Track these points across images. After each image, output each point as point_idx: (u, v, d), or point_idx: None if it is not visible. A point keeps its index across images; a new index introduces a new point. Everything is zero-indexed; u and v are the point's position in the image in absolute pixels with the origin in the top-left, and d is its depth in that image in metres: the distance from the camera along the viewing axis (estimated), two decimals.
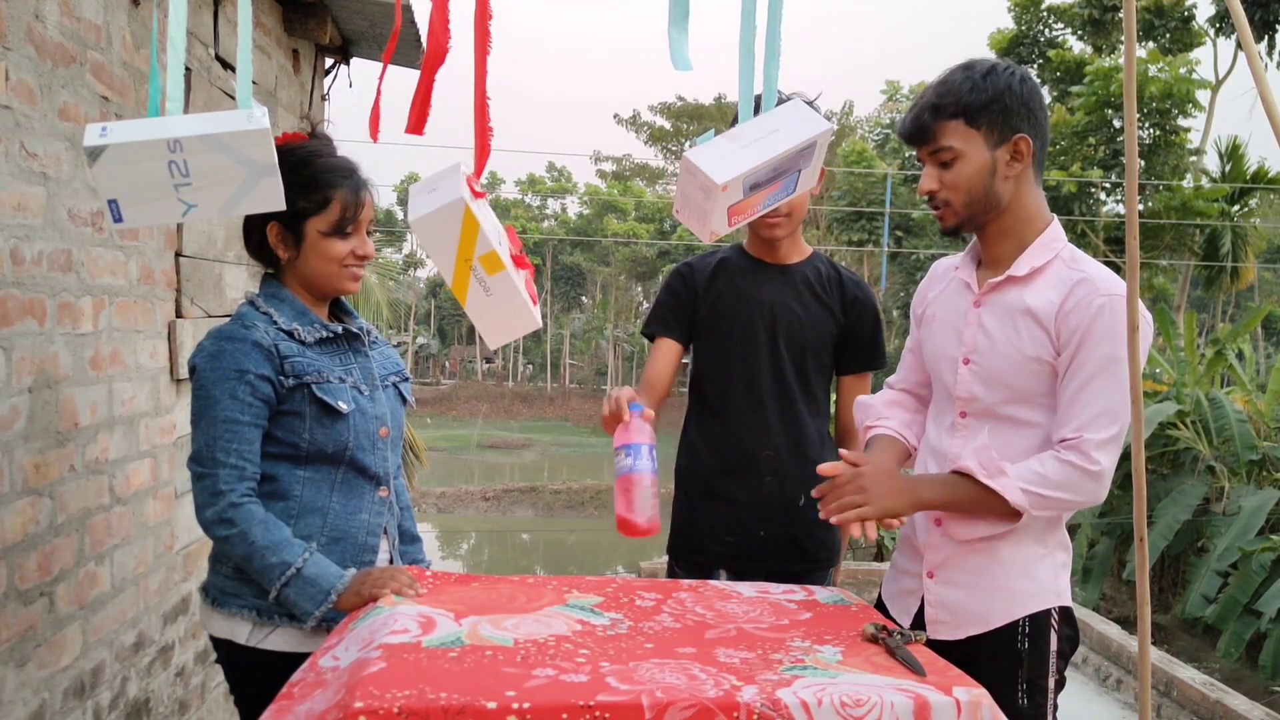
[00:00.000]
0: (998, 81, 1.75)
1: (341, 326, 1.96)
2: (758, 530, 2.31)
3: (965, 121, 1.75)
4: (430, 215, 1.71)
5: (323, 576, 1.76)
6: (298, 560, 1.75)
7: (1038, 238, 1.81)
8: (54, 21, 2.16)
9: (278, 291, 1.91)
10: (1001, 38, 22.01)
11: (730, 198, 1.73)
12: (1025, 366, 1.76)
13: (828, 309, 2.36)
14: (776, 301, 2.34)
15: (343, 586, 1.75)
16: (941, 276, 1.99)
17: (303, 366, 1.84)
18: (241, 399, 1.78)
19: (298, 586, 1.75)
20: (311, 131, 1.95)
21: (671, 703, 1.24)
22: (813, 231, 26.57)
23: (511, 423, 41.68)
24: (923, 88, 1.85)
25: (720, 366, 2.36)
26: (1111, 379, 1.69)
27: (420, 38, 3.85)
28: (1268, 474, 8.81)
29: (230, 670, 1.91)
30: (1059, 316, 1.73)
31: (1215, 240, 18.51)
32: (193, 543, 3.06)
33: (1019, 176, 1.79)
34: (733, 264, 2.41)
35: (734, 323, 2.34)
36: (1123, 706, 4.87)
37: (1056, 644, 1.83)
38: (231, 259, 3.36)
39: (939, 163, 1.79)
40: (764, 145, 1.74)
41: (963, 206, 1.79)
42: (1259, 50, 5.87)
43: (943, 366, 1.89)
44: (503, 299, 1.78)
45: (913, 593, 1.91)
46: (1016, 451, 1.77)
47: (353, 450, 1.88)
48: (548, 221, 50.10)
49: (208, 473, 1.77)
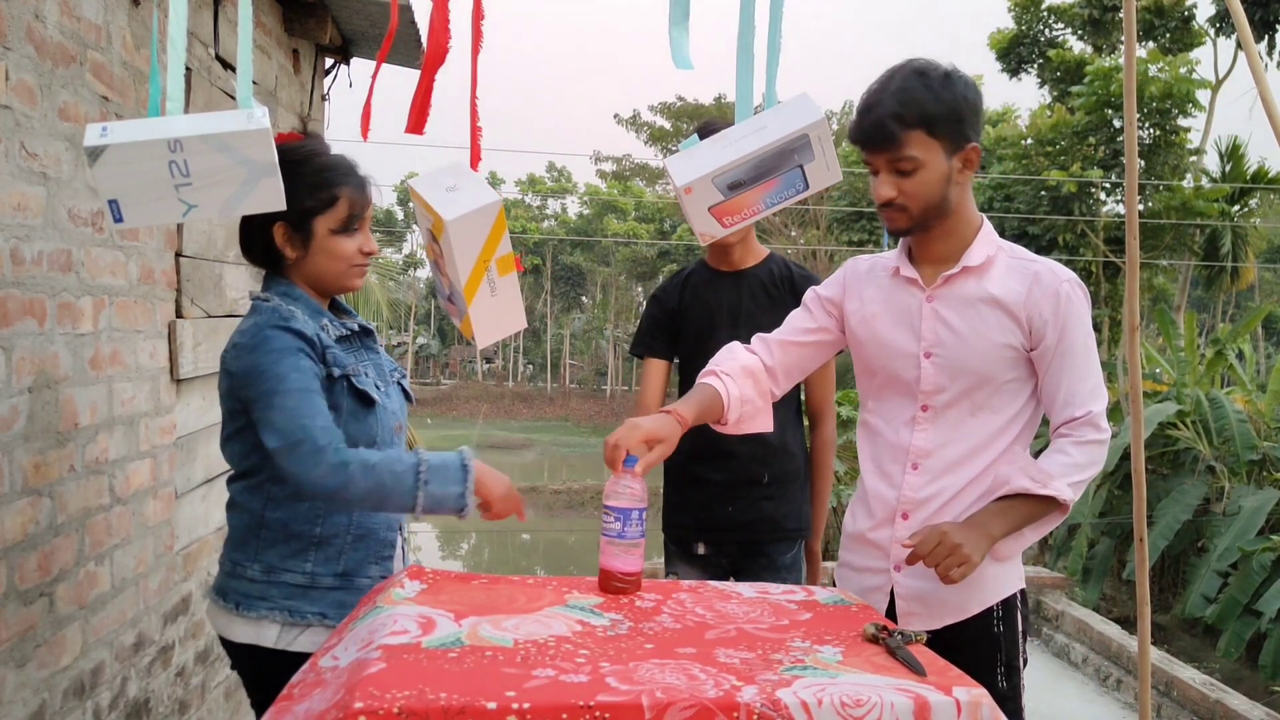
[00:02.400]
0: (955, 91, 1.77)
1: (357, 324, 1.96)
2: (726, 506, 2.65)
3: (926, 131, 1.76)
4: (471, 214, 1.73)
5: (448, 458, 1.76)
6: (421, 457, 1.74)
7: (977, 234, 1.89)
8: (54, 21, 2.16)
9: (290, 290, 1.88)
10: (1001, 37, 21.99)
11: (704, 199, 1.74)
12: (993, 353, 1.83)
13: (782, 305, 2.53)
14: (735, 305, 2.65)
15: (469, 456, 1.77)
16: (867, 275, 2.00)
17: (341, 359, 1.84)
18: (305, 371, 1.75)
19: (437, 476, 1.73)
20: (304, 131, 1.95)
21: (671, 703, 1.24)
22: (813, 231, 26.58)
23: (511, 423, 41.66)
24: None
25: (693, 368, 2.60)
26: (1091, 355, 1.84)
27: (420, 38, 3.85)
28: (1268, 474, 8.81)
29: (253, 675, 1.87)
30: (1028, 304, 1.82)
31: (1215, 240, 18.49)
32: (193, 543, 3.06)
33: (965, 181, 1.84)
34: (696, 277, 2.75)
35: (701, 329, 2.66)
36: (1123, 706, 4.87)
37: (1022, 624, 1.91)
38: (231, 259, 3.35)
39: (898, 170, 1.79)
40: (742, 144, 1.75)
41: (919, 212, 1.82)
42: (1259, 50, 5.87)
43: (898, 364, 1.91)
44: (504, 299, 1.82)
45: (879, 589, 1.94)
46: (980, 438, 1.86)
47: (379, 444, 1.88)
48: (548, 221, 50.07)
49: (301, 439, 1.70)
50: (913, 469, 1.89)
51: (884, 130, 1.76)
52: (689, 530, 2.71)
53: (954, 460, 1.87)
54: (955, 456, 1.87)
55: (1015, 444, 1.88)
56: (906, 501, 1.89)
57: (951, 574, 1.70)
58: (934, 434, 1.88)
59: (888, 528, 1.92)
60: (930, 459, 1.88)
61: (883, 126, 1.76)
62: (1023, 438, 1.89)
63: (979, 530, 1.75)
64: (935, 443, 1.88)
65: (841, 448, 9.06)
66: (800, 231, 27.99)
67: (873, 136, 1.78)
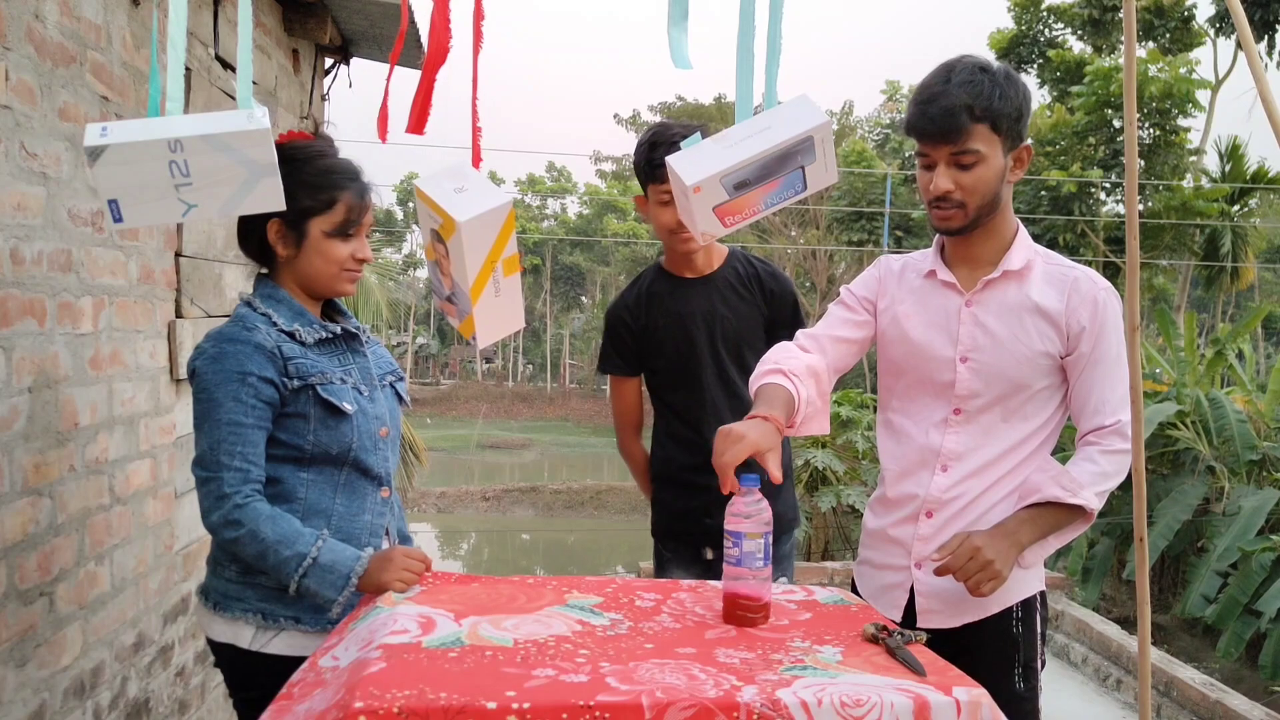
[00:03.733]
0: (1017, 89, 1.78)
1: (340, 327, 1.95)
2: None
3: (991, 126, 1.76)
4: (483, 215, 1.73)
5: (340, 562, 1.74)
6: (311, 550, 1.73)
7: (1015, 236, 1.89)
8: (54, 21, 2.16)
9: (274, 292, 1.89)
10: (1001, 37, 22.00)
11: (710, 198, 1.74)
12: (1031, 361, 1.84)
13: (753, 305, 2.56)
14: (707, 311, 2.54)
15: (361, 569, 1.74)
16: (899, 275, 1.99)
17: (306, 368, 1.83)
18: (245, 401, 1.76)
19: (317, 575, 1.73)
20: (315, 132, 1.95)
21: (671, 703, 1.24)
22: (813, 231, 26.56)
23: (511, 423, 41.65)
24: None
25: (675, 381, 2.58)
26: (1122, 364, 1.86)
27: (421, 38, 3.84)
28: (1268, 474, 8.80)
29: (231, 674, 1.90)
30: (1067, 312, 1.83)
31: (1215, 240, 18.49)
32: (193, 543, 3.06)
33: (1013, 181, 1.85)
34: (659, 288, 2.60)
35: (677, 342, 2.56)
36: (1122, 706, 4.86)
37: (1041, 626, 1.91)
38: (231, 259, 3.36)
39: (959, 164, 1.77)
40: (749, 144, 1.75)
41: (975, 209, 1.81)
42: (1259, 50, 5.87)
43: (932, 367, 1.90)
44: (507, 300, 1.82)
45: (899, 585, 1.94)
46: (1011, 442, 1.86)
47: (356, 451, 1.87)
48: (547, 221, 50.07)
49: (212, 476, 1.75)
50: (942, 470, 1.89)
51: (954, 120, 1.74)
52: (695, 536, 2.62)
53: (984, 463, 1.87)
54: (985, 459, 1.87)
55: (1043, 448, 1.88)
56: (932, 501, 1.89)
57: (982, 588, 1.73)
58: (966, 437, 1.88)
59: (910, 525, 1.92)
60: (960, 462, 1.88)
61: (953, 116, 1.74)
62: (1050, 442, 1.90)
63: (1008, 540, 1.76)
64: (967, 446, 1.88)
65: (841, 447, 9.06)
66: (800, 231, 27.97)
67: (940, 126, 1.75)
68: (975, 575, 1.72)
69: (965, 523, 1.87)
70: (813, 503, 8.67)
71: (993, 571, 1.72)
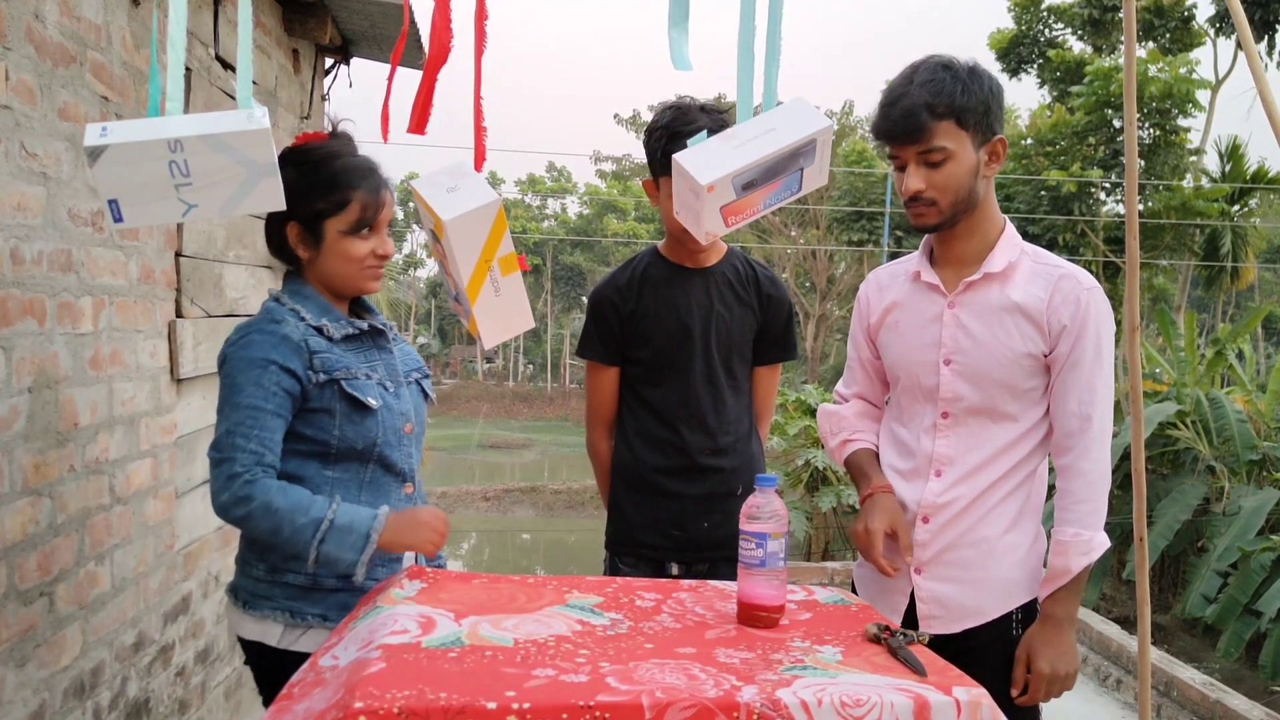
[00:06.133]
0: (982, 83, 1.78)
1: (367, 323, 1.96)
2: (702, 522, 2.38)
3: (956, 122, 1.76)
4: (469, 214, 1.73)
5: (357, 521, 1.73)
6: (327, 513, 1.72)
7: (1000, 234, 1.87)
8: (54, 21, 2.16)
9: (301, 288, 1.90)
10: (1001, 38, 21.99)
11: (720, 198, 1.73)
12: (1015, 362, 1.83)
13: (749, 307, 2.43)
14: (704, 305, 2.39)
15: (380, 525, 1.74)
16: (888, 285, 2.01)
17: (332, 362, 1.84)
18: (265, 387, 1.76)
19: (335, 539, 1.71)
20: (332, 131, 1.95)
21: (671, 703, 1.24)
22: (812, 231, 26.57)
23: (511, 423, 41.67)
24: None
25: (658, 375, 2.41)
26: (1102, 365, 1.82)
27: (421, 38, 3.84)
28: (1268, 474, 8.81)
29: (260, 672, 1.90)
30: (1049, 311, 1.81)
31: (1215, 240, 18.49)
32: (193, 542, 3.06)
33: (991, 175, 1.84)
34: (655, 274, 2.43)
35: (669, 332, 2.39)
36: (1122, 706, 4.86)
37: None
38: (231, 259, 3.36)
39: (927, 162, 1.78)
40: (757, 145, 1.74)
41: (948, 206, 1.81)
42: (1259, 50, 5.87)
43: (918, 370, 1.91)
44: (509, 299, 1.82)
45: (899, 591, 1.93)
46: (1001, 444, 1.86)
47: (381, 447, 1.87)
48: (548, 221, 50.07)
49: (225, 458, 1.73)
50: (935, 475, 1.89)
51: (914, 120, 1.75)
52: (660, 550, 2.41)
53: (976, 466, 1.87)
54: (977, 462, 1.87)
55: (1037, 450, 1.88)
56: (928, 506, 1.89)
57: (1068, 687, 1.81)
58: (955, 441, 1.88)
59: (911, 530, 1.90)
60: (952, 466, 1.88)
61: (913, 116, 1.75)
62: (1044, 445, 1.89)
63: (1063, 632, 1.80)
64: (958, 450, 1.88)
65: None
66: (800, 231, 27.98)
67: (903, 127, 1.77)
68: (1060, 689, 1.79)
69: (962, 528, 1.86)
70: (813, 503, 8.68)
71: (1067, 679, 1.79)
